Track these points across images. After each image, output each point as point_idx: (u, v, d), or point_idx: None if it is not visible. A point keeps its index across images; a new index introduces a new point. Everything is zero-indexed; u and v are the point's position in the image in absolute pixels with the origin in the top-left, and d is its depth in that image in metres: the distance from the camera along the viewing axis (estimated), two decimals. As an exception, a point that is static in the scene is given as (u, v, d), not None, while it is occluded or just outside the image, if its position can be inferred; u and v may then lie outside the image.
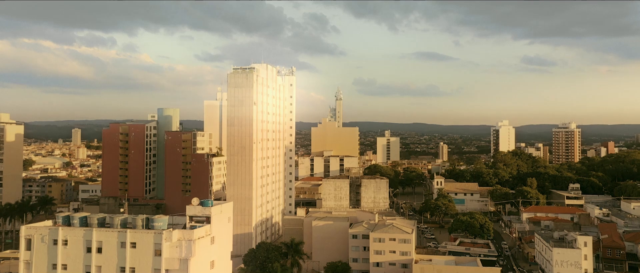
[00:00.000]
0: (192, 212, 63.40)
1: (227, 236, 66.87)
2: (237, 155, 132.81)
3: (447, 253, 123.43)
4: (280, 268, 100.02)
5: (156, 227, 60.01)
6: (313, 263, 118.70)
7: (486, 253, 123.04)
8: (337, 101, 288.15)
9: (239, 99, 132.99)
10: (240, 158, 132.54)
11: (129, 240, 58.41)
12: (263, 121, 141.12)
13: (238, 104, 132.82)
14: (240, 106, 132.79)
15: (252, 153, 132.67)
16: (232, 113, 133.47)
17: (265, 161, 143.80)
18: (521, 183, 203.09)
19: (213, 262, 62.85)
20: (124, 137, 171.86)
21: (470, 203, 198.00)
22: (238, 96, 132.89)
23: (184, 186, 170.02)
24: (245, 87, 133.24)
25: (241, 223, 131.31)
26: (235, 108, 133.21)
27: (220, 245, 64.37)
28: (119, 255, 58.49)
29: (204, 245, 60.83)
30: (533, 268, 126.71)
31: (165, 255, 58.01)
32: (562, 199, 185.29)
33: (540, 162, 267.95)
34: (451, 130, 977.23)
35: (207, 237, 61.62)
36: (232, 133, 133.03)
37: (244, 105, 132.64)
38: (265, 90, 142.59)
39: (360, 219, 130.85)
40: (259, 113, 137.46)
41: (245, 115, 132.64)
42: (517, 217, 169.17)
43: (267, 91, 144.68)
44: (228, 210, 67.07)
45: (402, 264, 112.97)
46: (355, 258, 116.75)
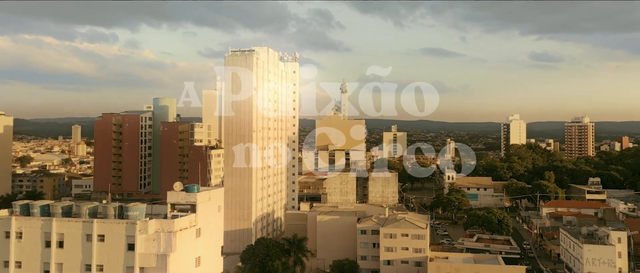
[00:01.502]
0: (174, 199, 53.37)
1: (216, 228, 56.76)
2: (235, 144, 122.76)
3: (464, 250, 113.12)
4: (281, 266, 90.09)
5: (131, 217, 50.02)
6: (318, 261, 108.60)
7: (507, 250, 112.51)
8: (343, 94, 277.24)
9: (238, 84, 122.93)
10: (239, 148, 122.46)
11: (95, 232, 48.39)
12: (264, 108, 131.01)
13: (236, 89, 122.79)
14: (238, 90, 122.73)
15: (251, 142, 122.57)
16: (231, 99, 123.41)
17: (267, 152, 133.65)
18: (538, 177, 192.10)
19: (199, 259, 52.78)
20: (117, 128, 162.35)
21: (484, 198, 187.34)
22: (237, 80, 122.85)
23: (181, 180, 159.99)
24: (245, 70, 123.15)
25: (240, 218, 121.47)
26: (233, 94, 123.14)
27: (208, 239, 54.26)
28: (84, 250, 48.53)
29: (188, 238, 50.76)
30: (558, 267, 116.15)
31: (140, 250, 47.99)
32: (582, 193, 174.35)
33: (556, 156, 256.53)
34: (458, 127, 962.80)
35: (191, 229, 51.55)
36: (230, 119, 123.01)
37: (243, 90, 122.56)
38: (266, 75, 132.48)
39: (368, 213, 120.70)
40: (260, 99, 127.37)
41: (244, 101, 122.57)
42: (535, 212, 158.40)
43: (268, 76, 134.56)
44: (218, 197, 56.96)
45: (415, 262, 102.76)
46: (363, 256, 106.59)
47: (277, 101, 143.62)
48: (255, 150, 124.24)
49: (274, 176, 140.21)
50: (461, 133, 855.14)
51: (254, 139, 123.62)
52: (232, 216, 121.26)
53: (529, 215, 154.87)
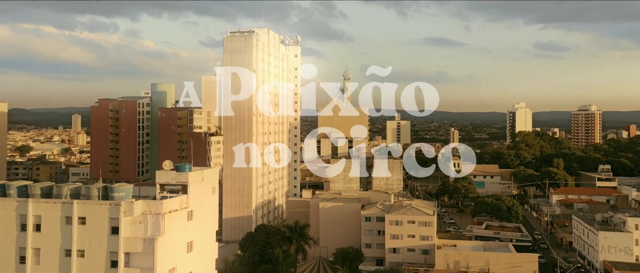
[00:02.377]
0: (164, 179, 48.82)
1: (211, 212, 52.31)
2: (234, 129, 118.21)
3: (473, 238, 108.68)
4: (282, 254, 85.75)
5: (115, 198, 45.58)
6: (320, 249, 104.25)
7: (518, 238, 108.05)
8: (345, 82, 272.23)
9: (237, 66, 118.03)
10: (239, 132, 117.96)
11: (76, 214, 43.94)
12: (264, 92, 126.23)
13: (235, 71, 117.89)
14: (238, 73, 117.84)
15: (251, 127, 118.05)
16: (229, 81, 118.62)
17: (267, 137, 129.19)
18: (546, 164, 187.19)
19: (191, 244, 48.38)
20: (114, 115, 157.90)
21: (491, 185, 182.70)
22: (235, 63, 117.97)
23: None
24: (244, 52, 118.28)
25: (239, 205, 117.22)
26: (232, 76, 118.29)
27: (201, 222, 49.83)
28: (63, 233, 44.13)
29: (178, 220, 46.31)
30: (570, 255, 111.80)
31: (125, 234, 43.56)
32: (592, 181, 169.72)
33: (564, 143, 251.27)
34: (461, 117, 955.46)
35: (182, 211, 47.08)
36: (230, 103, 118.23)
37: (242, 72, 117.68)
38: (266, 57, 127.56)
39: (373, 200, 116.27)
40: (260, 82, 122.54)
41: (243, 84, 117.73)
42: (545, 200, 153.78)
43: (268, 59, 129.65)
44: (212, 177, 52.45)
45: (422, 250, 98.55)
46: (368, 244, 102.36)
47: (279, 85, 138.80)
48: (256, 136, 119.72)
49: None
50: (465, 123, 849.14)
51: (254, 123, 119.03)
52: (232, 204, 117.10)
53: (539, 203, 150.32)
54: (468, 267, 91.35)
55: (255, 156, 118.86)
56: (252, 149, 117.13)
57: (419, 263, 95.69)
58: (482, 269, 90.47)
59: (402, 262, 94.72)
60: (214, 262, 52.50)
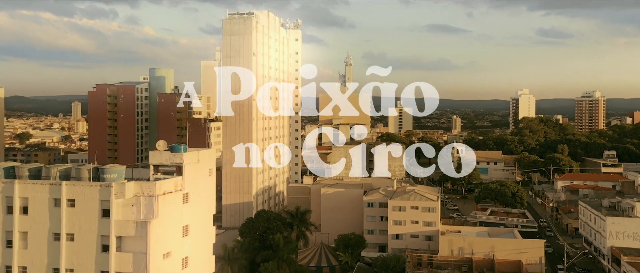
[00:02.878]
0: (157, 160, 46.58)
1: (207, 194, 50.09)
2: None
3: (477, 224, 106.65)
4: (283, 240, 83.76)
5: (107, 179, 43.35)
6: (322, 236, 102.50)
7: (524, 223, 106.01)
8: (347, 67, 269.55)
9: (236, 49, 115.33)
10: (238, 116, 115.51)
11: (64, 196, 41.74)
12: (264, 75, 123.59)
13: (234, 55, 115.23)
14: (236, 56, 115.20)
15: (251, 111, 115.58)
16: (228, 64, 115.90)
17: (267, 122, 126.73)
18: (550, 150, 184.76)
19: (186, 227, 46.23)
20: (112, 100, 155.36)
21: (495, 172, 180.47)
22: (234, 45, 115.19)
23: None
24: (243, 34, 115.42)
25: (239, 191, 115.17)
26: (231, 59, 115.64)
27: (197, 205, 47.64)
28: (52, 216, 41.99)
29: (172, 203, 44.13)
30: (575, 241, 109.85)
31: (116, 217, 41.40)
32: (597, 167, 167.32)
33: (568, 129, 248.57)
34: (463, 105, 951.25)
35: (177, 193, 44.88)
36: (228, 87, 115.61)
37: (241, 55, 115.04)
38: (266, 40, 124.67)
39: (375, 186, 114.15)
40: (260, 66, 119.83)
41: (243, 66, 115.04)
42: (549, 186, 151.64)
43: (268, 42, 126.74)
44: (209, 158, 50.18)
45: (426, 236, 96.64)
46: (370, 230, 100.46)
47: (279, 69, 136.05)
48: (256, 120, 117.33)
49: (276, 149, 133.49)
50: (467, 110, 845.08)
51: (254, 108, 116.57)
52: (232, 189, 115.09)
53: (543, 189, 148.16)
54: (472, 253, 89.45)
55: (256, 141, 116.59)
56: (252, 133, 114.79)
57: (423, 250, 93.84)
58: (487, 255, 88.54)
59: (405, 249, 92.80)
60: (211, 247, 50.46)
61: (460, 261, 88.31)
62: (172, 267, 43.74)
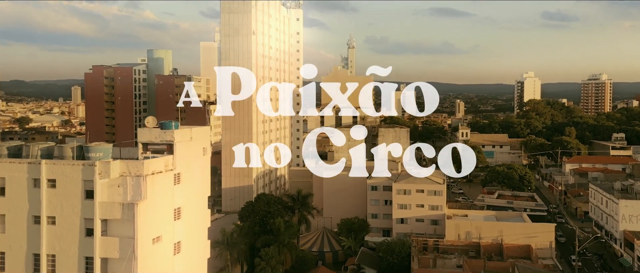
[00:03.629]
0: (146, 138, 43.11)
1: (201, 175, 46.72)
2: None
3: (485, 207, 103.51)
4: (283, 224, 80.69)
5: (92, 158, 39.96)
6: (324, 220, 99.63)
7: (533, 207, 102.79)
8: (350, 50, 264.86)
9: (235, 28, 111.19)
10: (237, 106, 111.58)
11: (44, 175, 38.38)
12: (264, 56, 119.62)
13: (233, 33, 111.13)
14: (236, 35, 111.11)
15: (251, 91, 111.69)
16: (227, 45, 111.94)
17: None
18: (557, 133, 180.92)
19: (178, 210, 42.95)
20: (109, 82, 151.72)
21: (501, 155, 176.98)
22: (233, 24, 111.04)
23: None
24: (242, 13, 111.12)
25: (240, 175, 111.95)
26: (230, 38, 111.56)
27: (190, 187, 44.31)
28: (31, 197, 38.69)
29: (163, 184, 40.79)
30: (585, 225, 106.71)
31: (101, 198, 38.08)
32: (606, 149, 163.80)
33: (575, 112, 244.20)
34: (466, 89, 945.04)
35: (167, 173, 41.51)
36: (227, 68, 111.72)
37: (240, 34, 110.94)
38: (266, 19, 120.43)
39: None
40: (259, 45, 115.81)
41: (242, 47, 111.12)
42: (557, 169, 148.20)
43: (268, 21, 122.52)
44: (202, 136, 46.70)
45: (431, 220, 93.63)
46: (374, 214, 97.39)
47: (279, 49, 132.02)
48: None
49: (277, 131, 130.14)
50: (470, 94, 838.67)
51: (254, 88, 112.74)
52: (232, 173, 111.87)
53: (551, 172, 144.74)
54: (480, 238, 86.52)
55: (256, 123, 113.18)
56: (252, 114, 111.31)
57: (428, 234, 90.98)
58: (495, 240, 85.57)
59: (411, 233, 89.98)
60: (206, 231, 47.25)
61: (468, 246, 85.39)
62: (163, 252, 40.60)
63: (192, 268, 44.54)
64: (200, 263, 46.26)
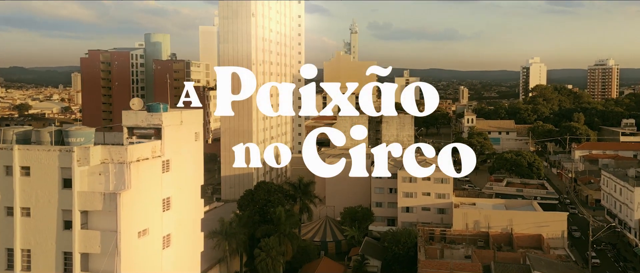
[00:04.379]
0: (132, 121, 39.40)
1: (194, 162, 43.05)
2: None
3: (493, 195, 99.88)
4: (284, 213, 77.10)
5: (72, 143, 36.31)
6: (327, 209, 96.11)
7: (543, 195, 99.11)
8: (352, 34, 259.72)
9: (234, 10, 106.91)
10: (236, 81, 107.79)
11: (17, 162, 34.76)
12: (264, 39, 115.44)
13: (232, 16, 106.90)
14: (234, 17, 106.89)
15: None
16: (225, 27, 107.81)
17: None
18: (565, 119, 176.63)
19: (168, 200, 39.37)
20: (105, 67, 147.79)
21: (507, 142, 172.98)
22: (232, 5, 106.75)
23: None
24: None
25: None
26: (228, 21, 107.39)
27: (180, 175, 40.66)
28: (4, 187, 35.11)
29: (149, 171, 37.14)
30: (597, 214, 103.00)
31: (80, 188, 34.48)
32: (615, 136, 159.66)
33: (583, 97, 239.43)
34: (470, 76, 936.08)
35: (155, 160, 37.84)
36: (226, 50, 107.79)
37: (239, 16, 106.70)
38: (266, 1, 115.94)
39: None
40: (259, 28, 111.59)
41: (241, 29, 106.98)
42: (566, 156, 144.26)
43: (269, 3, 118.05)
44: (194, 120, 42.94)
45: (438, 209, 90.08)
46: (378, 202, 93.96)
47: (280, 32, 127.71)
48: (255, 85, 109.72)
49: (277, 118, 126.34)
50: (473, 81, 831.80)
51: (254, 72, 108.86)
52: (231, 160, 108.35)
53: (560, 159, 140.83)
54: (489, 227, 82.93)
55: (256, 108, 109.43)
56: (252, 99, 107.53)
57: (435, 223, 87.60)
58: (504, 229, 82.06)
59: (416, 222, 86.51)
60: (198, 223, 43.70)
61: (476, 235, 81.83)
62: (150, 247, 37.08)
63: (184, 263, 41.09)
64: (192, 257, 42.82)
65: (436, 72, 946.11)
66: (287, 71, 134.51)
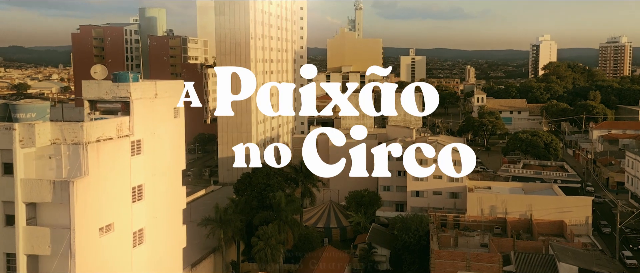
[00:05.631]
0: (94, 93, 32.60)
1: (172, 143, 36.28)
2: (229, 54, 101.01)
3: (510, 178, 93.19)
4: (284, 198, 70.66)
5: (20, 119, 29.66)
6: (331, 193, 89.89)
7: (564, 178, 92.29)
8: (357, 11, 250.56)
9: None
10: (234, 56, 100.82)
11: (-54, 143, 28.14)
12: (264, 11, 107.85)
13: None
14: None
15: (249, 50, 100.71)
16: (223, 5, 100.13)
17: (269, 66, 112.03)
18: (580, 98, 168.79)
19: (139, 188, 32.77)
20: (98, 43, 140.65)
21: (519, 122, 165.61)
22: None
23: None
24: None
25: (237, 142, 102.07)
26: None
27: (154, 157, 33.94)
28: None
29: (114, 154, 30.45)
30: (620, 197, 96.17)
31: (24, 174, 27.86)
32: (634, 115, 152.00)
33: (598, 75, 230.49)
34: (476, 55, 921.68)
35: (121, 140, 31.11)
36: (222, 23, 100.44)
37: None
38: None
39: (392, 136, 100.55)
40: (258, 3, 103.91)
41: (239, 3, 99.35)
42: (583, 136, 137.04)
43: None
44: (171, 92, 36.04)
45: (451, 193, 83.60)
46: (386, 186, 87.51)
47: (280, 5, 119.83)
48: (255, 62, 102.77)
49: (278, 96, 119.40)
50: (480, 61, 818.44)
51: (252, 47, 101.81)
52: (228, 141, 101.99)
53: (576, 139, 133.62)
54: (506, 213, 76.46)
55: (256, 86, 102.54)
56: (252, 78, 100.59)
57: (447, 209, 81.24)
58: (523, 215, 75.56)
59: (427, 207, 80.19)
60: (180, 214, 37.17)
61: (492, 221, 75.44)
62: (115, 245, 30.61)
63: (161, 261, 34.70)
64: (172, 254, 36.39)
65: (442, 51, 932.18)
66: (289, 46, 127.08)
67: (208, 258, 65.52)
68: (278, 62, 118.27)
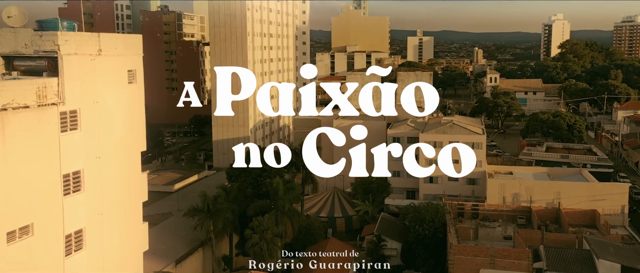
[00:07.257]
0: (9, 46, 24.11)
1: (125, 116, 27.71)
2: (224, 26, 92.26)
3: (533, 163, 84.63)
4: (283, 185, 62.37)
5: None
6: (335, 179, 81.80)
7: (594, 162, 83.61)
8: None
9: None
10: (230, 30, 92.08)
11: None
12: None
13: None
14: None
15: (245, 23, 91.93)
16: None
17: (268, 41, 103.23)
18: (600, 77, 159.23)
19: (76, 175, 24.40)
20: (87, 18, 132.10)
21: (534, 102, 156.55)
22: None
23: (169, 82, 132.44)
24: None
25: (233, 124, 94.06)
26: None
27: (99, 134, 25.42)
28: None
29: (33, 128, 21.99)
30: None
31: None
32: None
33: (617, 54, 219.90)
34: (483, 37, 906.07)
35: (44, 109, 22.65)
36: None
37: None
38: None
39: (402, 117, 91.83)
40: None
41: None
42: (606, 117, 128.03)
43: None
44: (124, 50, 27.38)
45: (468, 179, 75.23)
46: (396, 171, 78.92)
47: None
48: (252, 36, 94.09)
49: (278, 74, 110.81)
50: (487, 43, 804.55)
51: (249, 20, 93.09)
52: (223, 122, 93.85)
53: (599, 121, 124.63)
54: (531, 201, 68.19)
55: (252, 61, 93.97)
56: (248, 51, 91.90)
57: (465, 196, 73.00)
58: (550, 203, 67.27)
59: (442, 195, 72.00)
60: (139, 209, 28.80)
61: (515, 211, 67.00)
62: (36, 253, 22.32)
63: (111, 271, 26.38)
64: (128, 261, 28.10)
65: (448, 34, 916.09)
66: (290, 21, 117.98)
67: (196, 253, 57.94)
68: (278, 37, 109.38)
